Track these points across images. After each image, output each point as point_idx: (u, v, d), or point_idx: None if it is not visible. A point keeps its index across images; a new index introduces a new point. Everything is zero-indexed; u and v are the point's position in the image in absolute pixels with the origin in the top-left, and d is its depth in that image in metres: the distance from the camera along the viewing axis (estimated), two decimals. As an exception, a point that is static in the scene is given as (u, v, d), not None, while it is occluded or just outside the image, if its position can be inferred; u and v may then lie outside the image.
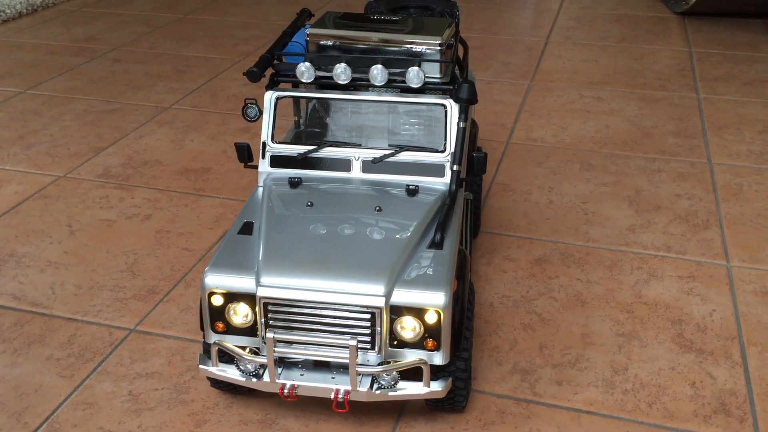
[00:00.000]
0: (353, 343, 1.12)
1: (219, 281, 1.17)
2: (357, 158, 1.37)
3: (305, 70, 1.35)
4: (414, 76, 1.33)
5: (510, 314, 1.56)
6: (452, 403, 1.26)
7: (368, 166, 1.37)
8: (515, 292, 1.63)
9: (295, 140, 1.47)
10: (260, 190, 1.38)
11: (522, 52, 3.15)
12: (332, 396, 1.16)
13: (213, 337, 1.20)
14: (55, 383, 1.38)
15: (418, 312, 1.14)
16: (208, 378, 1.30)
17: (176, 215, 1.92)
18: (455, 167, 1.33)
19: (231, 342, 1.19)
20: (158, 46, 3.18)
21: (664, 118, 2.48)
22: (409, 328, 1.15)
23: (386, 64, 1.34)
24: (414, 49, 1.39)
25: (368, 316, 1.14)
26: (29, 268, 1.70)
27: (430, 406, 1.30)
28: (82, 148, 2.27)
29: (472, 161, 1.38)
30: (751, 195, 2.01)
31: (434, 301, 1.13)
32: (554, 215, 1.92)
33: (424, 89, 1.37)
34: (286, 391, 1.17)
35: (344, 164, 1.38)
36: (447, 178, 1.36)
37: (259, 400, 1.33)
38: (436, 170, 1.36)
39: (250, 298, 1.16)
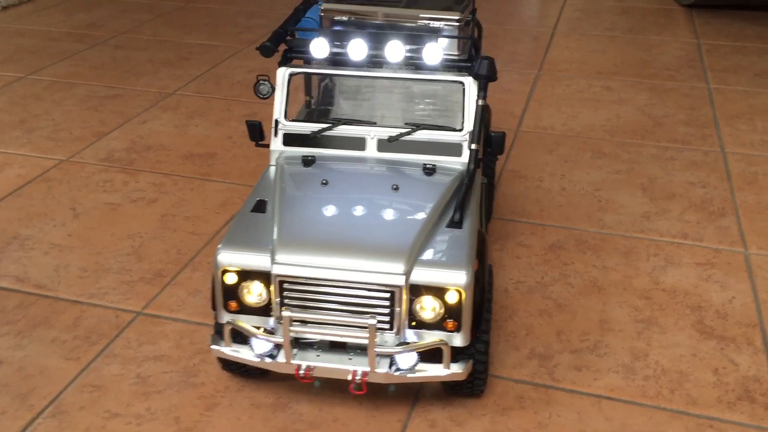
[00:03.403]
0: (372, 322, 1.08)
1: (233, 259, 1.13)
2: (372, 137, 1.34)
3: (319, 46, 1.31)
4: (431, 52, 1.30)
5: (525, 300, 1.53)
6: (471, 387, 1.22)
7: (383, 144, 1.34)
8: (530, 278, 1.60)
9: (307, 119, 1.44)
10: (272, 168, 1.35)
11: (529, 42, 3.11)
12: (350, 377, 1.13)
13: (225, 317, 1.16)
14: (60, 365, 1.34)
15: (438, 291, 1.11)
16: (219, 360, 1.27)
17: (182, 199, 1.88)
18: (473, 146, 1.29)
19: (244, 322, 1.16)
20: (160, 34, 3.13)
21: (675, 108, 2.45)
22: (428, 308, 1.12)
23: (403, 40, 1.30)
24: (432, 25, 1.35)
25: (387, 295, 1.11)
26: (33, 250, 1.66)
27: (447, 391, 1.27)
28: (85, 133, 2.23)
29: (488, 142, 1.35)
30: (767, 184, 1.98)
31: (455, 280, 1.10)
32: (567, 202, 1.89)
33: (442, 66, 1.33)
34: (302, 372, 1.13)
35: (359, 143, 1.34)
36: (465, 157, 1.32)
37: (271, 383, 1.30)
38: (454, 149, 1.33)
39: (264, 276, 1.13)
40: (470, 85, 1.32)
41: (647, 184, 1.98)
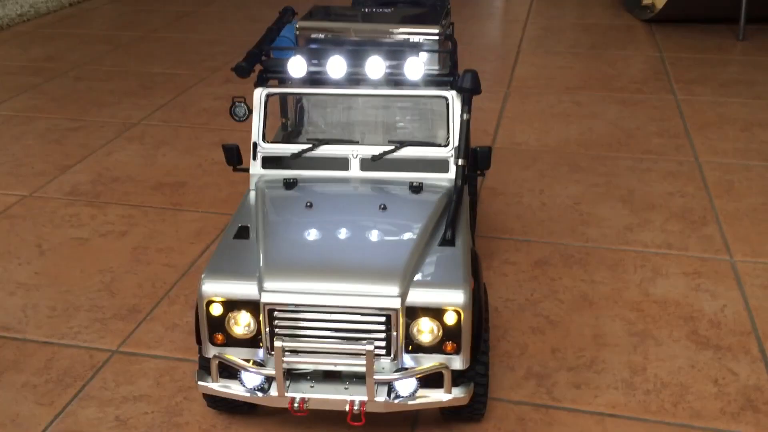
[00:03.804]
0: (370, 348, 1.03)
1: (218, 288, 1.07)
2: (355, 156, 1.29)
3: (297, 65, 1.27)
4: (413, 67, 1.26)
5: (516, 318, 1.49)
6: (472, 411, 1.17)
7: (367, 163, 1.29)
8: (519, 296, 1.56)
9: (284, 142, 1.39)
10: (252, 193, 1.29)
11: (495, 60, 3.11)
12: (347, 408, 1.07)
13: (212, 351, 1.10)
14: (33, 411, 1.25)
15: (436, 313, 1.06)
16: (205, 397, 1.20)
17: (154, 231, 1.81)
18: (460, 162, 1.26)
19: (232, 355, 1.09)
20: (121, 64, 3.06)
21: (646, 120, 2.45)
22: (426, 330, 1.07)
23: (382, 56, 1.26)
24: (411, 40, 1.32)
25: (383, 319, 1.05)
26: (-3, 291, 1.58)
27: (445, 417, 1.21)
28: (48, 167, 2.14)
29: (473, 157, 1.32)
30: (744, 191, 1.98)
31: (453, 299, 1.05)
32: (549, 217, 1.86)
33: (424, 81, 1.29)
34: (296, 405, 1.07)
35: (341, 163, 1.30)
36: (451, 173, 1.29)
37: (260, 418, 1.23)
38: (440, 166, 1.29)
39: (252, 306, 1.07)
40: (454, 99, 1.29)
41: (627, 195, 1.96)
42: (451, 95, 1.29)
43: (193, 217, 1.87)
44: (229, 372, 1.11)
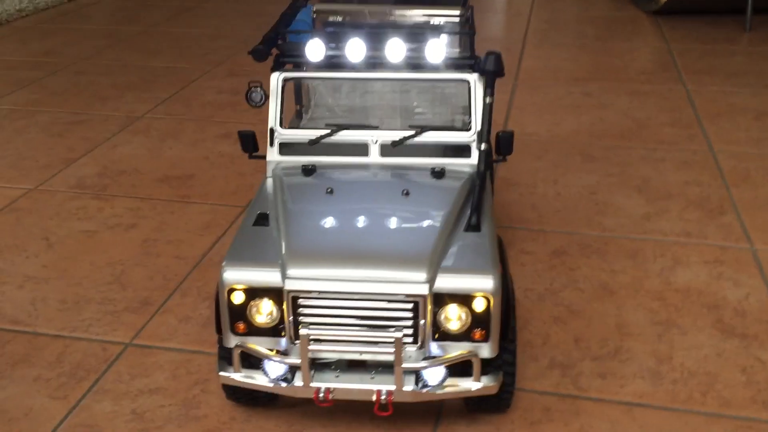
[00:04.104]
0: (399, 335, 1.00)
1: (240, 276, 1.03)
2: (375, 141, 1.26)
3: (315, 48, 1.23)
4: (434, 50, 1.23)
5: (537, 308, 1.46)
6: (498, 402, 1.14)
7: (387, 149, 1.26)
8: (538, 285, 1.53)
9: (302, 127, 1.35)
10: (270, 180, 1.26)
11: (501, 52, 3.07)
12: (374, 398, 1.04)
13: (233, 340, 1.06)
14: (46, 406, 1.22)
15: (464, 299, 1.03)
16: (225, 388, 1.16)
17: (162, 223, 1.77)
18: (483, 146, 1.23)
19: (253, 344, 1.06)
20: (123, 58, 3.03)
21: (657, 110, 2.42)
22: (454, 317, 1.04)
23: (402, 39, 1.23)
24: (432, 22, 1.29)
25: (410, 306, 1.02)
26: (5, 284, 1.54)
27: (470, 407, 1.18)
28: (52, 160, 2.11)
29: (495, 142, 1.29)
30: (760, 179, 1.96)
31: (482, 285, 1.02)
32: (564, 207, 1.83)
33: (445, 65, 1.26)
34: (321, 395, 1.04)
35: (361, 148, 1.26)
36: (474, 158, 1.25)
37: (280, 410, 1.20)
38: (462, 151, 1.26)
39: (275, 293, 1.03)
40: (476, 82, 1.26)
41: (642, 185, 1.93)
42: (473, 78, 1.26)
43: (202, 209, 1.83)
44: (249, 362, 1.08)
